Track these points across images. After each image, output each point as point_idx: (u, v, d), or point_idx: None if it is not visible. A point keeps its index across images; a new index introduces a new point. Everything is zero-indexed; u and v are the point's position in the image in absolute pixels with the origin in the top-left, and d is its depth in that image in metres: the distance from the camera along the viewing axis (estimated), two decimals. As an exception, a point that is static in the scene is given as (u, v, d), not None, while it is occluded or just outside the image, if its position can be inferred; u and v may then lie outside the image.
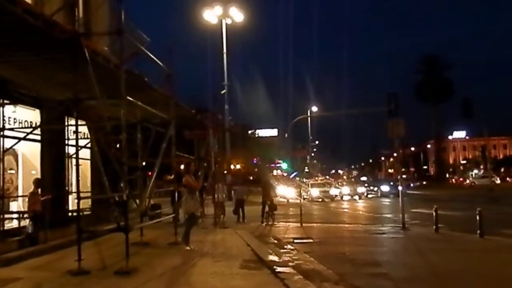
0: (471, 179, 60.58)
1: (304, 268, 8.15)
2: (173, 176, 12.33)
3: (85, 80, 7.55)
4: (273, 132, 58.49)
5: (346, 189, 42.93)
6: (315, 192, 37.68)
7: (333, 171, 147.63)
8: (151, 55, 9.86)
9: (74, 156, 9.45)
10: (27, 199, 10.45)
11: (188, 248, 9.83)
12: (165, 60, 10.59)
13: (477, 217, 12.48)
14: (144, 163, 11.36)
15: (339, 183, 52.18)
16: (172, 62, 10.87)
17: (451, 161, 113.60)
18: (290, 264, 8.47)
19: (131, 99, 8.12)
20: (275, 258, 8.89)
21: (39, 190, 10.46)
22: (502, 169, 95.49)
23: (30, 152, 11.51)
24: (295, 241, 12.18)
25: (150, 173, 11.08)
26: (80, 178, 8.77)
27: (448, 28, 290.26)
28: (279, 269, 7.69)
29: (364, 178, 78.14)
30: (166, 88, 10.89)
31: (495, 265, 8.90)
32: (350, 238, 13.80)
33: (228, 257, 9.07)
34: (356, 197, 40.37)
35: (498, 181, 54.27)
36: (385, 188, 43.11)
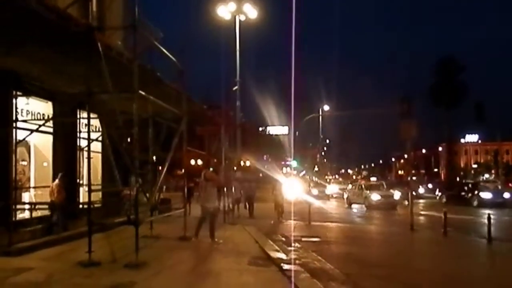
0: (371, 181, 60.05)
1: (311, 267, 8.15)
2: (183, 171, 12.40)
3: (98, 74, 7.61)
4: (284, 130, 58.27)
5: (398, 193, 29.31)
6: (375, 197, 25.97)
7: (343, 170, 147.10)
8: (164, 50, 9.90)
9: (86, 149, 9.57)
10: (54, 191, 10.88)
11: (213, 241, 10.03)
12: (178, 56, 10.64)
13: (486, 222, 12.47)
14: (154, 158, 11.42)
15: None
16: (185, 58, 10.93)
17: (462, 165, 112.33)
18: (298, 262, 8.48)
19: (143, 93, 8.17)
20: (283, 256, 8.91)
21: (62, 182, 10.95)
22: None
23: (42, 144, 11.64)
24: (303, 239, 12.18)
25: (160, 168, 11.17)
26: (91, 171, 8.85)
27: (466, 30, 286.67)
28: (286, 266, 7.71)
29: (373, 179, 77.53)
30: (178, 83, 10.94)
31: (501, 270, 8.88)
32: (358, 238, 13.75)
33: (237, 253, 9.11)
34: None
35: (500, 187, 53.56)
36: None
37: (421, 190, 38.71)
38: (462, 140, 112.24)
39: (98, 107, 9.87)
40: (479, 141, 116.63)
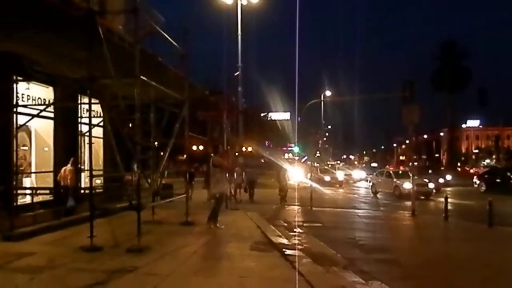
0: (474, 169, 59.55)
1: (313, 252, 8.15)
2: (185, 157, 12.41)
3: (99, 59, 7.53)
4: (286, 115, 58.13)
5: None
6: (408, 185, 21.20)
7: (344, 156, 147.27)
8: (165, 35, 9.80)
9: (87, 134, 9.55)
10: (67, 176, 11.28)
11: (215, 226, 10.06)
12: (179, 40, 10.54)
13: (488, 207, 12.54)
14: (156, 143, 11.41)
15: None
16: (187, 42, 10.81)
17: (463, 150, 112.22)
18: (299, 247, 8.47)
19: (145, 78, 8.11)
20: (285, 241, 8.93)
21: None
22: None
23: (43, 129, 11.62)
24: (305, 224, 12.23)
25: (162, 153, 11.17)
26: (92, 156, 8.85)
27: (470, 15, 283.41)
28: (288, 251, 7.75)
29: (374, 165, 77.61)
30: (180, 68, 10.86)
31: (501, 254, 8.90)
32: (359, 223, 13.83)
33: (239, 238, 9.14)
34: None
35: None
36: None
37: (449, 176, 34.74)
38: (464, 125, 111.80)
39: (100, 92, 9.81)
40: (480, 126, 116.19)
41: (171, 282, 5.74)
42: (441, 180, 29.96)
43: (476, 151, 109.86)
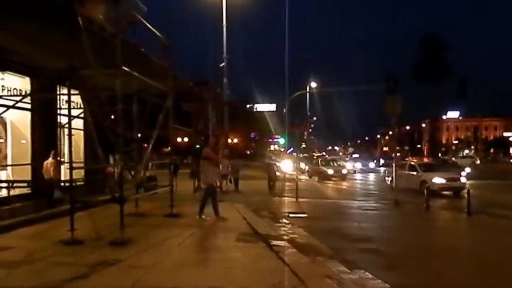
0: (453, 159, 60.43)
1: (299, 242, 8.20)
2: (169, 149, 12.28)
3: (79, 49, 7.34)
4: (272, 107, 58.06)
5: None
6: (439, 180, 19.23)
7: (329, 147, 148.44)
8: (148, 25, 9.60)
9: (67, 126, 9.34)
10: (49, 169, 11.15)
11: (200, 217, 10.00)
12: (163, 30, 10.35)
13: (467, 197, 13.08)
14: (139, 135, 11.24)
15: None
16: (171, 33, 10.63)
17: (444, 141, 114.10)
18: (285, 237, 8.52)
19: (127, 69, 7.93)
20: (270, 232, 8.93)
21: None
22: (492, 150, 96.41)
23: (20, 121, 11.33)
24: (290, 215, 12.24)
25: (146, 145, 11.03)
26: (73, 149, 8.66)
27: (450, 9, 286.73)
28: (274, 242, 7.74)
29: (356, 156, 78.03)
30: (164, 59, 10.67)
31: (480, 242, 9.11)
32: (344, 214, 13.91)
33: (225, 229, 9.08)
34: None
35: (478, 162, 54.59)
36: None
37: (468, 169, 31.46)
38: (444, 117, 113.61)
39: (80, 83, 9.58)
40: (460, 118, 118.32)
41: (155, 275, 5.65)
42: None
43: (456, 141, 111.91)
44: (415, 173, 20.86)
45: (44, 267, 6.01)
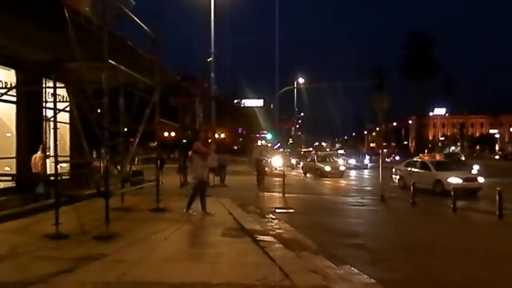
0: (438, 156, 61.19)
1: (285, 237, 8.25)
2: (156, 143, 12.22)
3: (65, 41, 7.25)
4: (259, 102, 58.13)
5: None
6: (455, 180, 17.69)
7: (317, 143, 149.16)
8: (135, 18, 9.51)
9: (52, 119, 9.23)
10: (38, 163, 11.05)
11: (187, 212, 9.96)
12: (151, 24, 10.27)
13: (451, 193, 13.19)
14: (126, 129, 11.16)
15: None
16: (158, 27, 10.56)
17: (430, 138, 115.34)
18: (271, 233, 8.55)
19: (113, 63, 7.86)
20: (257, 227, 8.95)
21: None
22: (478, 147, 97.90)
23: (5, 114, 11.17)
24: (277, 210, 12.30)
25: (132, 139, 10.96)
26: (58, 142, 8.57)
27: (438, 6, 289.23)
28: (260, 237, 7.75)
29: (341, 151, 77.89)
30: (151, 53, 10.60)
31: (464, 237, 9.28)
32: (330, 209, 14.01)
33: (211, 224, 9.08)
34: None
35: (463, 158, 55.35)
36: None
37: (476, 166, 29.21)
38: (431, 114, 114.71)
39: (66, 76, 9.48)
40: (447, 115, 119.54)
41: (141, 269, 5.64)
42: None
43: (442, 138, 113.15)
44: (429, 172, 19.37)
45: (28, 261, 5.95)
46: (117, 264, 5.86)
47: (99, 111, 8.77)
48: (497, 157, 65.52)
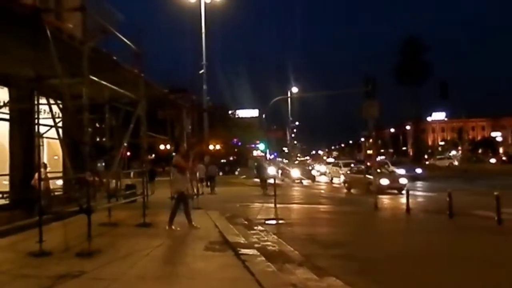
0: (432, 160, 60.85)
1: (270, 250, 8.19)
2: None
3: (48, 58, 7.31)
4: (254, 112, 58.22)
5: None
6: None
7: (313, 152, 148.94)
8: (117, 33, 9.58)
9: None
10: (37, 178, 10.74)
11: (170, 228, 9.87)
12: (135, 38, 10.35)
13: (447, 199, 12.71)
14: (110, 144, 11.19)
15: None
16: (143, 40, 10.66)
17: (430, 143, 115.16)
18: (256, 245, 8.47)
19: (94, 78, 7.91)
20: (242, 240, 8.90)
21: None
22: (480, 150, 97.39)
23: (-1, 132, 11.21)
24: (266, 222, 12.21)
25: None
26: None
27: (433, 10, 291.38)
28: (242, 250, 7.71)
29: (331, 160, 75.76)
30: (136, 67, 10.66)
31: (460, 246, 8.99)
32: (322, 219, 13.90)
33: (194, 239, 9.02)
34: None
35: (456, 163, 55.31)
36: None
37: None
38: (429, 118, 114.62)
39: (50, 92, 9.51)
40: (446, 119, 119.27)
41: (118, 287, 5.62)
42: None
43: (442, 143, 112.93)
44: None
45: (8, 279, 5.96)
46: (95, 281, 5.85)
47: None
48: (493, 160, 64.97)
